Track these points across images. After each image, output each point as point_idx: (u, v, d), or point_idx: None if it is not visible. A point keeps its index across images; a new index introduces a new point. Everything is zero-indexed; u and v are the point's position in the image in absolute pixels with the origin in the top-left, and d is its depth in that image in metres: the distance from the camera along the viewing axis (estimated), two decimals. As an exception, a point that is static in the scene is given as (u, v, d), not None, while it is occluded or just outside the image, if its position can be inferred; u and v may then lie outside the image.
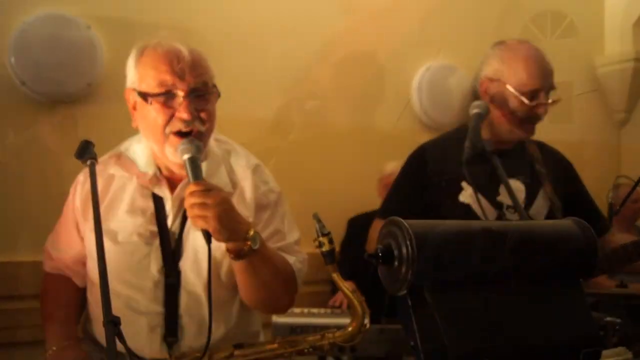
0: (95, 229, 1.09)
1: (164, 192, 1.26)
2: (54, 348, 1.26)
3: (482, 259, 0.52)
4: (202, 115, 1.19)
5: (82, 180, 1.33)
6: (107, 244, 1.18)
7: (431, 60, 3.11)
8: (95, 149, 1.31)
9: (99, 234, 1.08)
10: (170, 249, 1.22)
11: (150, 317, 1.22)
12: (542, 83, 1.59)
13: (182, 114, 1.17)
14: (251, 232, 1.14)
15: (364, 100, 2.99)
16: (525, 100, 1.56)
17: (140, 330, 1.21)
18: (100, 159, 1.28)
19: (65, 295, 1.35)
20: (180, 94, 1.18)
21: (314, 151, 2.79)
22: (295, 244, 1.30)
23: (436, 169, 1.59)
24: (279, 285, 1.23)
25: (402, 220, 0.50)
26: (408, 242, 0.49)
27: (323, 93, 2.90)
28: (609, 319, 2.28)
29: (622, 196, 3.14)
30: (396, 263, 0.50)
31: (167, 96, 1.18)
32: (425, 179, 1.62)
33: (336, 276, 1.09)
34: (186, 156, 1.14)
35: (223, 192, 1.14)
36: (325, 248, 1.07)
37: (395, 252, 0.50)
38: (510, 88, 1.57)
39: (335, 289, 2.72)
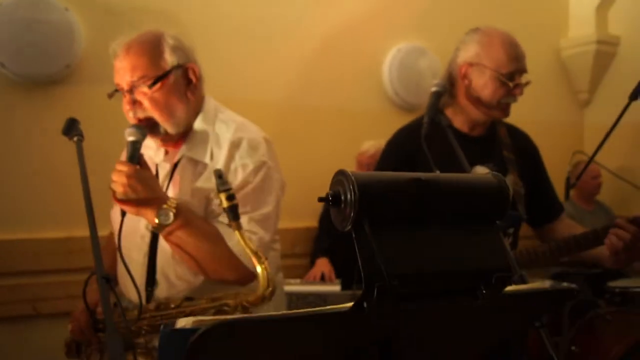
0: (85, 201, 1.24)
1: (160, 157, 1.45)
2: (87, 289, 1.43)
3: (412, 202, 0.65)
4: (145, 104, 1.36)
5: None
6: None
7: (402, 42, 3.23)
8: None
9: (88, 206, 1.24)
10: None
11: (137, 266, 1.38)
12: (518, 65, 1.72)
13: (126, 106, 1.39)
14: (162, 207, 1.28)
15: (337, 81, 3.10)
16: (508, 82, 1.68)
17: (130, 281, 1.34)
18: None
19: (109, 248, 1.56)
20: (124, 89, 1.38)
21: (289, 131, 2.90)
22: (254, 220, 1.35)
23: (411, 152, 1.68)
24: (213, 260, 1.32)
25: (347, 171, 0.63)
26: (351, 188, 0.62)
27: (298, 75, 3.00)
28: (564, 284, 2.46)
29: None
30: (342, 205, 0.63)
31: (119, 91, 1.41)
32: (402, 162, 1.73)
33: (238, 235, 1.19)
34: (130, 139, 1.33)
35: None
36: (224, 205, 1.18)
37: (342, 197, 0.63)
38: (489, 70, 1.69)
39: (313, 261, 2.87)
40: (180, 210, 1.29)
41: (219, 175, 1.21)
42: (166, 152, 1.45)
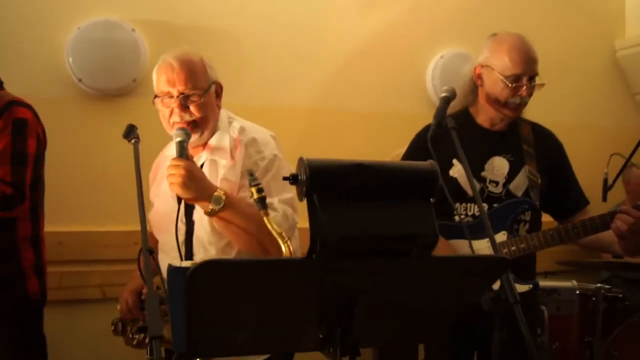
0: (137, 194, 1.55)
1: None
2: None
3: (353, 181, 0.88)
4: (192, 109, 1.66)
5: (155, 162, 1.95)
6: (157, 202, 1.80)
7: (445, 49, 3.41)
8: (139, 133, 1.77)
9: (140, 198, 1.54)
10: (189, 205, 1.68)
11: (174, 253, 1.67)
12: (524, 69, 1.93)
13: (175, 110, 1.69)
14: (214, 194, 1.56)
15: (380, 87, 3.33)
16: (508, 83, 1.90)
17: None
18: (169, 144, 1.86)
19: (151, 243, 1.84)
20: (174, 94, 1.68)
21: (332, 136, 3.15)
22: (282, 202, 1.65)
23: (433, 147, 1.90)
24: (260, 234, 1.56)
25: (304, 158, 0.88)
26: (305, 170, 0.87)
27: (341, 81, 3.26)
28: (599, 285, 2.58)
29: (635, 176, 3.36)
30: (300, 182, 0.88)
31: (166, 97, 1.70)
32: (425, 155, 1.96)
33: (266, 220, 1.38)
34: (177, 139, 1.62)
35: (189, 166, 1.57)
36: (254, 197, 1.40)
37: (299, 177, 0.88)
38: (496, 73, 1.92)
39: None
40: (228, 195, 1.58)
41: (251, 174, 1.46)
42: (190, 157, 1.74)
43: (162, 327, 1.20)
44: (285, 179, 0.89)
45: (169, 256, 1.69)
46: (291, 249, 1.43)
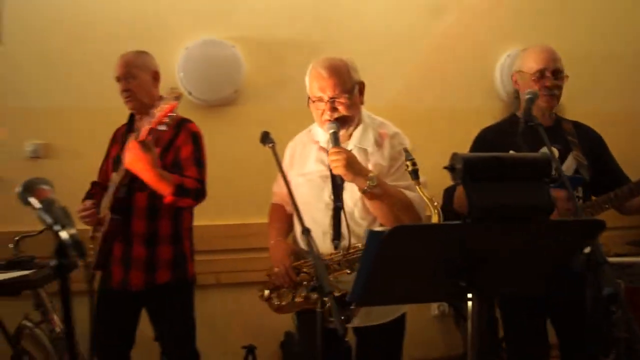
0: (284, 180, 2.02)
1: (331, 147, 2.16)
2: (272, 242, 2.23)
3: (493, 168, 1.32)
4: (340, 108, 2.10)
5: (291, 146, 2.35)
6: (302, 180, 2.19)
7: (512, 48, 3.79)
8: (239, 135, 2.20)
9: (288, 188, 2.01)
10: (337, 184, 2.12)
11: (324, 227, 2.12)
12: (546, 65, 2.40)
13: (326, 112, 2.12)
14: (369, 175, 1.99)
15: (453, 85, 3.74)
16: (535, 79, 2.37)
17: (317, 236, 2.06)
18: (301, 132, 2.32)
19: (281, 214, 2.34)
20: (325, 99, 2.11)
21: (406, 130, 3.57)
22: (418, 185, 2.04)
23: (493, 144, 2.41)
24: (400, 211, 2.03)
25: (458, 153, 1.32)
26: (460, 161, 1.31)
27: (418, 80, 3.68)
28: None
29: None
30: (456, 171, 1.32)
31: (318, 101, 2.13)
32: (488, 147, 2.39)
33: (419, 189, 1.82)
34: (330, 131, 2.06)
35: (349, 153, 2.01)
36: (409, 169, 1.85)
37: (455, 167, 1.32)
38: (526, 73, 2.35)
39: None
40: (378, 176, 2.01)
41: (406, 150, 1.94)
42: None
43: (330, 286, 1.66)
44: (445, 168, 1.33)
45: (315, 231, 2.04)
46: (440, 214, 1.82)
